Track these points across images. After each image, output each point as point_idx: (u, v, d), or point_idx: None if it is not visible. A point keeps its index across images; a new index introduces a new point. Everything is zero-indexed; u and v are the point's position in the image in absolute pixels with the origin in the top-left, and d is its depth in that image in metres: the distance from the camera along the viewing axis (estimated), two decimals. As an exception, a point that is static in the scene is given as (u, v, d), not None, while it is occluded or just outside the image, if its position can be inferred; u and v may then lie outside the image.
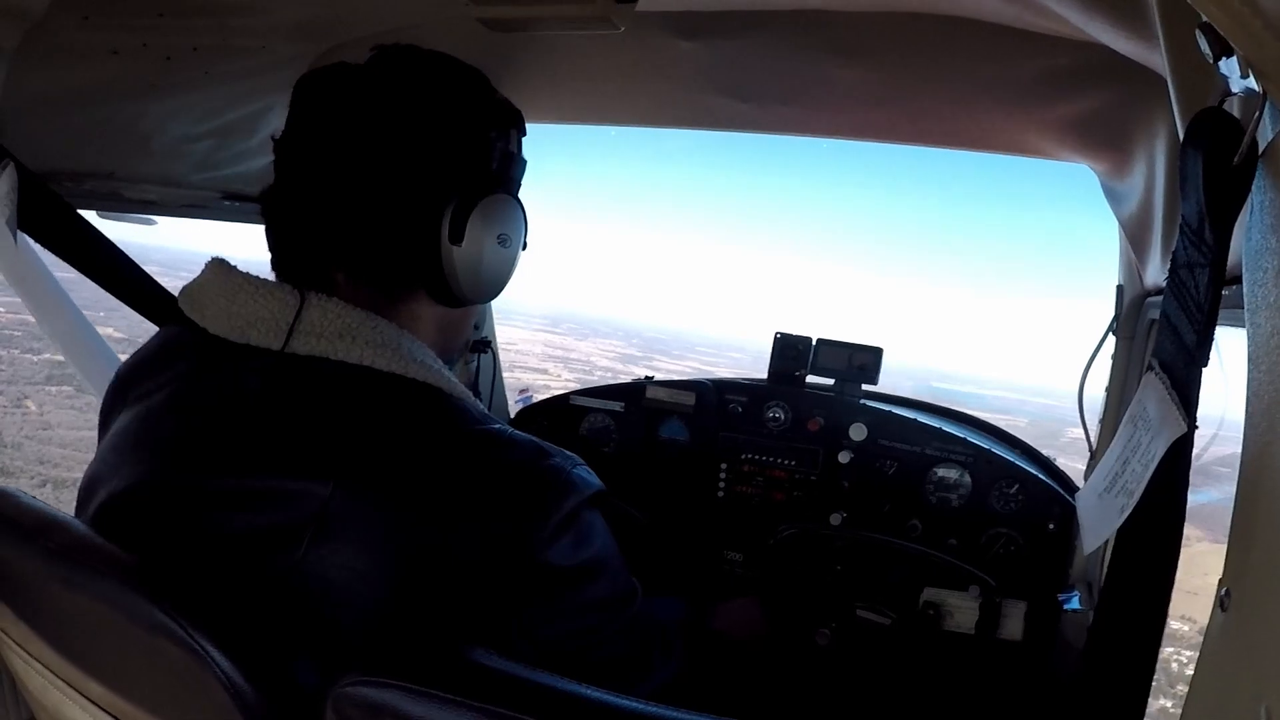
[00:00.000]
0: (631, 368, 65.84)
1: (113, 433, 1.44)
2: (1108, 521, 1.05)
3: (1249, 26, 0.70)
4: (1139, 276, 2.17)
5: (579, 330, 79.02)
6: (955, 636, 2.47)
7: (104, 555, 1.23)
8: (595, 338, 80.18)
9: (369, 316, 1.36)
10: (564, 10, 1.63)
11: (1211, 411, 1.09)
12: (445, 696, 1.01)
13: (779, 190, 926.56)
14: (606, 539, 1.42)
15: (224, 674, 1.10)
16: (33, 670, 1.40)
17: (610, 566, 1.41)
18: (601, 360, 64.98)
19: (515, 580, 1.26)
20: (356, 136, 1.38)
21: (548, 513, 1.29)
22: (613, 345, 76.12)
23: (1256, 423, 0.78)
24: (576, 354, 64.03)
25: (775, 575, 2.62)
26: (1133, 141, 1.88)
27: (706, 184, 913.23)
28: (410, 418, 1.33)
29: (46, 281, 2.38)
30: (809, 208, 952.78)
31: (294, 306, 1.35)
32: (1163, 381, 0.97)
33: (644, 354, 71.74)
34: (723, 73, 2.17)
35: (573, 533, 1.32)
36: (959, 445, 2.52)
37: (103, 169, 2.06)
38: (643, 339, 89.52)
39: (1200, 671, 0.83)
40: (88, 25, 1.73)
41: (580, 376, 59.12)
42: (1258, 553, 0.75)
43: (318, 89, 1.43)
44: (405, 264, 1.42)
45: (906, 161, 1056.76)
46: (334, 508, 1.23)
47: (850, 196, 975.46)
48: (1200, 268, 0.90)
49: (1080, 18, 1.36)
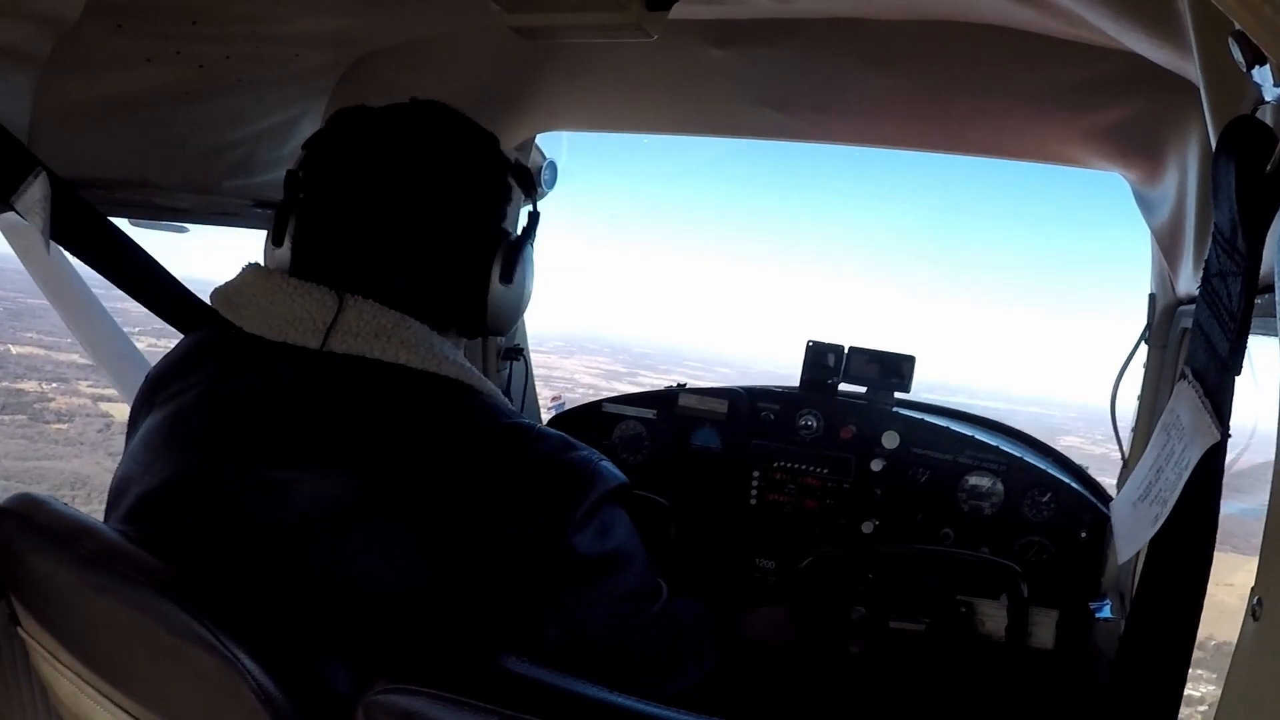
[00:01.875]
0: (615, 384, 65.48)
1: (142, 433, 1.46)
2: (1142, 530, 1.05)
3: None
4: (1171, 285, 2.16)
5: (564, 348, 78.83)
6: (987, 644, 2.45)
7: (135, 562, 1.24)
8: (581, 354, 79.97)
9: (403, 318, 1.41)
10: (596, 18, 1.64)
11: (1244, 420, 1.08)
12: (477, 704, 1.02)
13: (765, 204, 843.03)
14: (630, 534, 1.45)
15: (256, 682, 1.11)
16: (63, 678, 1.42)
17: (635, 561, 1.44)
18: (585, 378, 64.79)
19: (544, 567, 1.29)
20: (428, 174, 1.48)
21: (574, 503, 1.32)
22: (598, 362, 75.86)
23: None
24: (560, 371, 63.87)
25: (808, 585, 2.62)
26: (1165, 150, 1.87)
27: (698, 199, 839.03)
28: (442, 412, 1.37)
29: (79, 288, 2.41)
30: (799, 221, 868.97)
31: (332, 307, 1.40)
32: (1195, 390, 0.97)
33: (629, 370, 71.45)
34: (755, 81, 2.18)
35: (598, 523, 1.35)
36: (991, 453, 2.51)
37: (135, 177, 2.07)
38: (630, 354, 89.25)
39: (1232, 680, 0.83)
40: (120, 33, 1.75)
41: (563, 391, 58.64)
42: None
43: (377, 123, 1.52)
44: (453, 297, 1.50)
45: (907, 167, 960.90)
46: (367, 498, 1.27)
47: (843, 205, 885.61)
48: (1233, 276, 0.90)
49: (1113, 26, 1.36)
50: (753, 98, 2.25)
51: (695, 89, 2.28)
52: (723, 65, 2.11)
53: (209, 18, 1.82)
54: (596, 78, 2.33)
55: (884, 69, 2.01)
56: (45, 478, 24.32)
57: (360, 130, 1.51)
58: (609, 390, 15.66)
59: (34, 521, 1.33)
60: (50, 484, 24.17)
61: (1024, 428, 2.88)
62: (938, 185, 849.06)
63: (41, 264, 2.30)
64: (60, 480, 24.46)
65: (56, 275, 2.41)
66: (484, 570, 1.26)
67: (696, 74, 2.19)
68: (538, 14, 1.68)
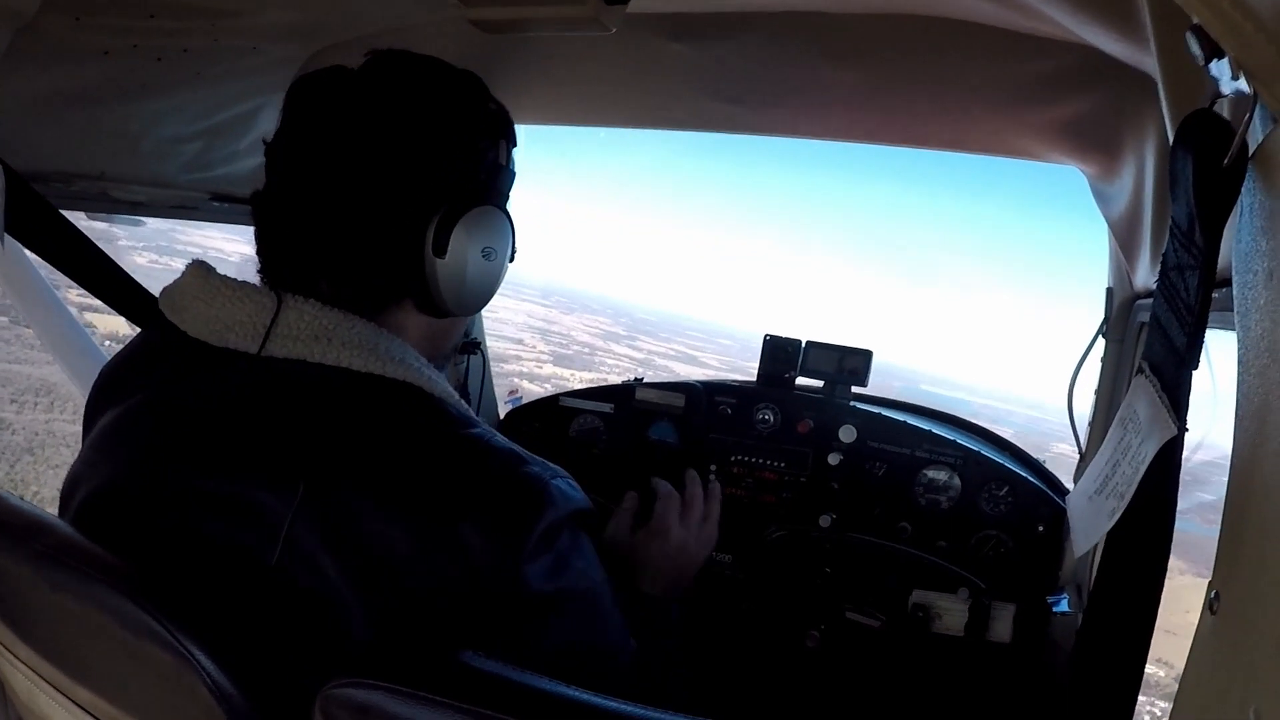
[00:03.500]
0: (611, 345, 65.34)
1: (95, 432, 1.43)
2: (1098, 524, 1.05)
3: (1239, 28, 0.70)
4: (1128, 279, 2.18)
5: (567, 304, 78.12)
6: (944, 638, 2.47)
7: (91, 558, 1.21)
8: (583, 313, 79.48)
9: (345, 317, 1.34)
10: (555, 12, 1.62)
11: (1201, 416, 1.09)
12: (433, 698, 1.00)
13: (783, 185, 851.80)
14: (591, 570, 1.36)
15: (210, 678, 1.09)
16: (19, 674, 1.39)
17: (598, 606, 1.35)
18: (582, 335, 64.40)
19: (492, 595, 1.23)
20: (342, 144, 1.36)
21: (524, 528, 1.24)
22: (598, 322, 75.45)
23: (1247, 425, 0.77)
24: (558, 327, 63.41)
25: (765, 577, 2.62)
26: (1123, 143, 1.88)
27: (715, 176, 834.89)
28: (386, 417, 1.30)
29: (36, 282, 2.37)
30: (812, 204, 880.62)
31: (270, 309, 1.33)
32: (1153, 384, 0.97)
33: (629, 333, 71.09)
34: (713, 74, 2.17)
35: (554, 555, 1.28)
36: (948, 447, 2.53)
37: (92, 170, 2.05)
38: (632, 319, 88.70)
39: (1189, 674, 0.83)
40: (79, 26, 1.72)
41: (555, 349, 58.67)
42: (1247, 555, 0.75)
43: (308, 93, 1.41)
44: (389, 275, 1.39)
45: (911, 161, 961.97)
46: (302, 513, 1.22)
47: (851, 193, 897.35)
48: (1190, 270, 0.90)
49: (1070, 20, 1.36)
50: (711, 91, 2.25)
51: (654, 82, 2.28)
52: (681, 59, 2.10)
53: (167, 11, 1.79)
54: (555, 71, 2.32)
55: (842, 63, 2.01)
56: (11, 381, 24.02)
57: (295, 112, 1.42)
58: (604, 350, 15.30)
59: None
60: (15, 388, 23.81)
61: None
62: (959, 180, 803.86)
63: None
64: (25, 386, 24.24)
65: (12, 268, 2.38)
66: (424, 585, 1.22)
67: (655, 68, 2.18)
68: (496, 7, 1.67)
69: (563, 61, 2.27)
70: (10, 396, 27.31)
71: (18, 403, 26.58)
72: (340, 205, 1.36)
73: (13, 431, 23.71)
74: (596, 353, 63.78)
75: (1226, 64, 0.76)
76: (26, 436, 23.03)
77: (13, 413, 25.42)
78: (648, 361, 67.37)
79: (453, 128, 1.40)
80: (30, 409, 25.23)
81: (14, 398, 27.13)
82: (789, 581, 2.61)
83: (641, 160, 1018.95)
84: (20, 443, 21.61)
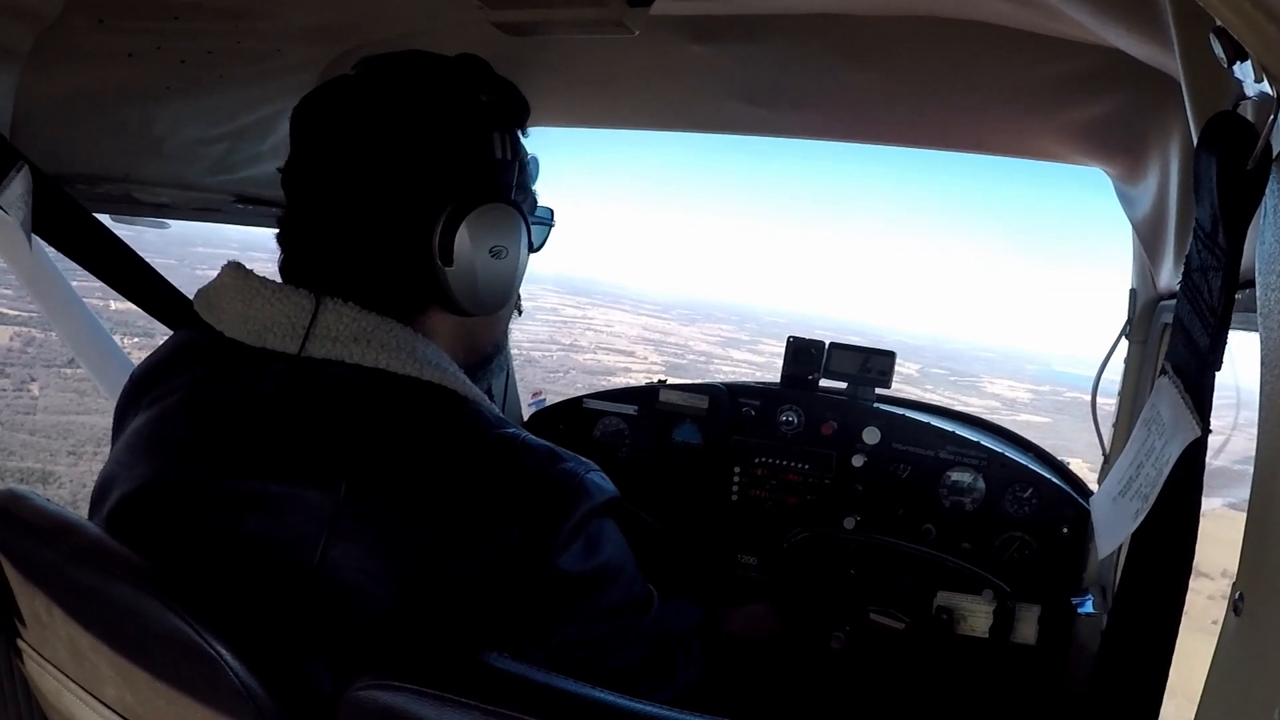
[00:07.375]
0: (731, 351, 64.87)
1: (127, 434, 1.44)
2: (1122, 525, 1.05)
3: (1263, 31, 0.70)
4: (1152, 280, 2.17)
5: (688, 315, 77.67)
6: (968, 640, 2.46)
7: (119, 558, 1.23)
8: (704, 322, 78.98)
9: (383, 320, 1.36)
10: (577, 14, 1.63)
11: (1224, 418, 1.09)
12: (458, 700, 1.01)
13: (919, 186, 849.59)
14: (619, 545, 1.40)
15: (238, 678, 1.11)
16: (46, 674, 1.41)
17: (623, 573, 1.40)
18: (700, 345, 64.33)
19: (526, 587, 1.25)
20: (337, 164, 1.39)
21: (560, 519, 1.27)
22: (720, 330, 74.94)
23: (1270, 426, 0.77)
24: (675, 338, 63.36)
25: (789, 579, 2.62)
26: (1147, 145, 1.88)
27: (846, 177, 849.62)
28: (423, 420, 1.32)
29: (60, 284, 2.40)
30: (951, 199, 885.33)
31: (309, 311, 1.35)
32: (1176, 385, 0.97)
33: (751, 338, 70.70)
34: (735, 77, 2.17)
35: (584, 539, 1.31)
36: (972, 449, 2.52)
37: (116, 172, 2.06)
38: (758, 323, 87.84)
39: (1213, 675, 0.83)
40: (102, 28, 1.74)
41: (670, 360, 58.24)
42: (1272, 556, 0.75)
43: (307, 113, 1.44)
44: (410, 282, 1.41)
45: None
46: (346, 511, 1.23)
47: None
48: (1214, 271, 0.90)
49: (1094, 22, 1.36)
50: (733, 93, 2.25)
51: (676, 85, 2.28)
52: (703, 61, 2.10)
53: (191, 13, 1.81)
54: (578, 73, 2.33)
55: (864, 65, 2.01)
56: (73, 433, 24.24)
57: (296, 133, 1.44)
58: (723, 358, 14.92)
59: (18, 517, 1.32)
60: (75, 439, 24.03)
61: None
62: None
63: (24, 259, 2.29)
64: (87, 436, 24.97)
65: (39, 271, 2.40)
66: (462, 583, 1.23)
67: (677, 70, 2.18)
68: (520, 9, 1.67)
69: (585, 64, 2.27)
70: (69, 449, 27.44)
71: (75, 454, 26.71)
72: (349, 222, 1.39)
73: (59, 485, 23.90)
74: (713, 360, 63.37)
75: (1250, 66, 0.76)
76: (72, 490, 23.23)
77: (65, 465, 25.60)
78: (768, 364, 66.67)
79: (441, 132, 1.40)
80: (87, 459, 25.37)
81: (72, 449, 27.28)
82: (813, 583, 2.61)
83: (768, 167, 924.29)
84: (65, 496, 21.72)
